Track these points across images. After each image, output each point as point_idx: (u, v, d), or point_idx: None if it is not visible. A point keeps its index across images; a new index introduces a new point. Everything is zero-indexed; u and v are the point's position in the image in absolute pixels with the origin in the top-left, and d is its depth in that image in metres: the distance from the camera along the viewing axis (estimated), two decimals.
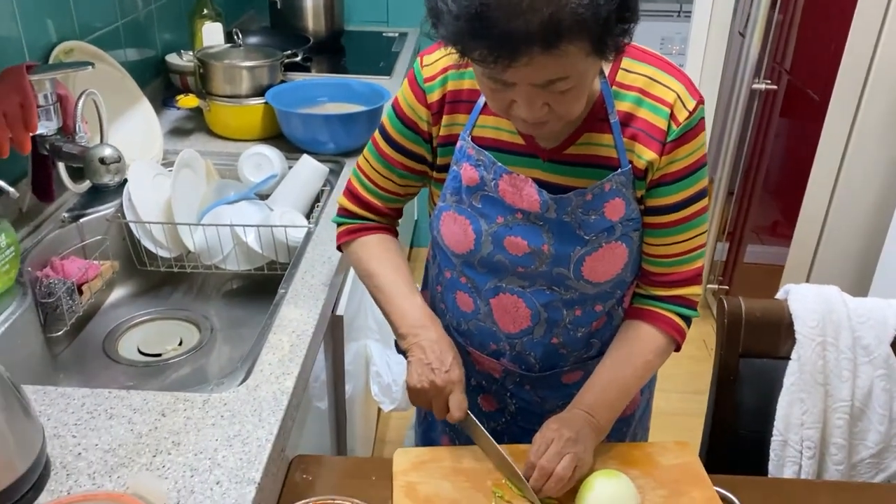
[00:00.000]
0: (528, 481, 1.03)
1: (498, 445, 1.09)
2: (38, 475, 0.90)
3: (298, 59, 2.11)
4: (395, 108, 1.14)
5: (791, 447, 1.31)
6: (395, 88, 2.25)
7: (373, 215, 1.23)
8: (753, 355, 1.35)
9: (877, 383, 1.31)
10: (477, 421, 1.11)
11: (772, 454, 1.33)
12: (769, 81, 2.55)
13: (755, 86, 2.53)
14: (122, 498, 0.87)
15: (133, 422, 1.01)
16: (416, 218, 3.24)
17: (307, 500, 0.97)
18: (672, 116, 1.02)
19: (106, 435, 0.99)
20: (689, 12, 3.23)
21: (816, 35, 2.32)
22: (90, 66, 1.37)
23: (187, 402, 1.05)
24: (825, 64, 2.15)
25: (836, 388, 1.30)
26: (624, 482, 1.03)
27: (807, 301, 1.32)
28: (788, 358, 1.32)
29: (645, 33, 3.83)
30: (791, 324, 1.32)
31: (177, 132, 2.00)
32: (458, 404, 1.09)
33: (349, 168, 1.81)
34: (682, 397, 2.57)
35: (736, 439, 1.37)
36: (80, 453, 0.96)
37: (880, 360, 1.30)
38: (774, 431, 1.32)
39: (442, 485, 1.06)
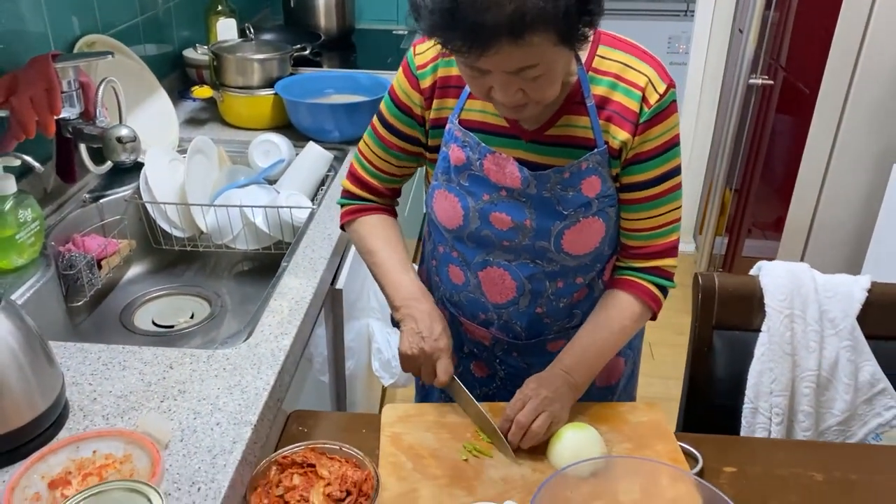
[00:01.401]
0: (505, 435, 1.12)
1: (480, 405, 1.17)
2: (57, 414, 1.01)
3: (307, 52, 2.22)
4: (391, 94, 1.23)
5: (761, 414, 1.39)
6: None
7: (373, 196, 1.32)
8: (726, 328, 1.43)
9: (842, 354, 1.38)
10: (462, 384, 1.19)
11: (743, 421, 1.40)
12: (766, 77, 2.62)
13: (752, 81, 2.60)
14: (132, 435, 0.98)
15: (143, 373, 1.12)
16: (424, 211, 3.33)
17: (299, 444, 1.06)
18: (644, 99, 1.10)
19: (119, 383, 1.10)
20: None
21: (808, 31, 2.39)
22: (110, 55, 1.48)
23: (193, 357, 1.15)
24: (815, 58, 2.22)
25: (803, 359, 1.38)
26: (591, 433, 1.11)
27: (776, 276, 1.40)
28: (760, 330, 1.40)
29: (652, 32, 3.91)
30: (762, 298, 1.40)
31: (192, 122, 2.12)
32: (444, 369, 1.18)
33: (352, 154, 1.90)
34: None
35: (710, 407, 1.45)
36: (95, 398, 1.07)
37: (846, 333, 1.38)
38: (745, 399, 1.40)
39: (425, 436, 1.15)
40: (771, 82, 2.61)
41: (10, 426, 0.94)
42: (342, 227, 1.36)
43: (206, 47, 2.10)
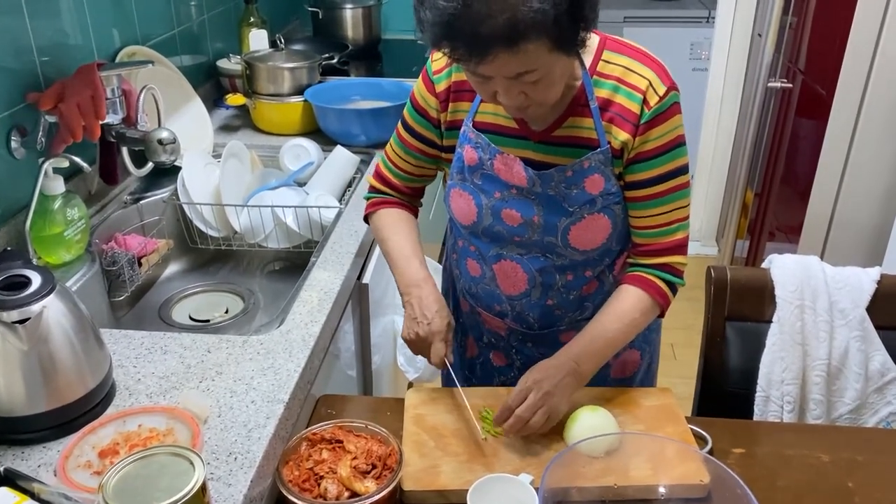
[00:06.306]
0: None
1: (461, 389, 1.22)
2: (105, 392, 1.09)
3: (335, 61, 2.31)
4: (412, 99, 1.32)
5: (773, 402, 1.44)
6: None
7: (394, 192, 1.41)
8: (739, 319, 1.47)
9: (852, 344, 1.42)
10: (451, 368, 1.23)
11: (755, 409, 1.45)
12: (784, 80, 2.65)
13: (771, 84, 2.63)
14: (174, 410, 1.05)
15: (183, 356, 1.20)
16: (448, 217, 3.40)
17: (327, 423, 1.13)
18: (644, 101, 1.15)
19: (161, 366, 1.18)
20: None
21: (825, 34, 2.43)
22: (151, 64, 1.58)
23: (229, 342, 1.23)
24: (832, 61, 2.26)
25: (813, 348, 1.42)
26: (604, 414, 1.17)
27: (787, 268, 1.44)
28: (771, 321, 1.45)
29: (675, 39, 3.95)
30: (773, 289, 1.44)
31: (226, 128, 2.21)
32: (435, 352, 1.22)
33: (378, 157, 1.98)
34: None
35: (723, 396, 1.49)
36: (139, 379, 1.15)
37: (856, 323, 1.42)
38: (757, 388, 1.44)
39: (446, 417, 1.22)
40: (790, 85, 2.64)
41: (64, 401, 1.03)
42: (365, 219, 1.44)
43: (238, 57, 2.20)
